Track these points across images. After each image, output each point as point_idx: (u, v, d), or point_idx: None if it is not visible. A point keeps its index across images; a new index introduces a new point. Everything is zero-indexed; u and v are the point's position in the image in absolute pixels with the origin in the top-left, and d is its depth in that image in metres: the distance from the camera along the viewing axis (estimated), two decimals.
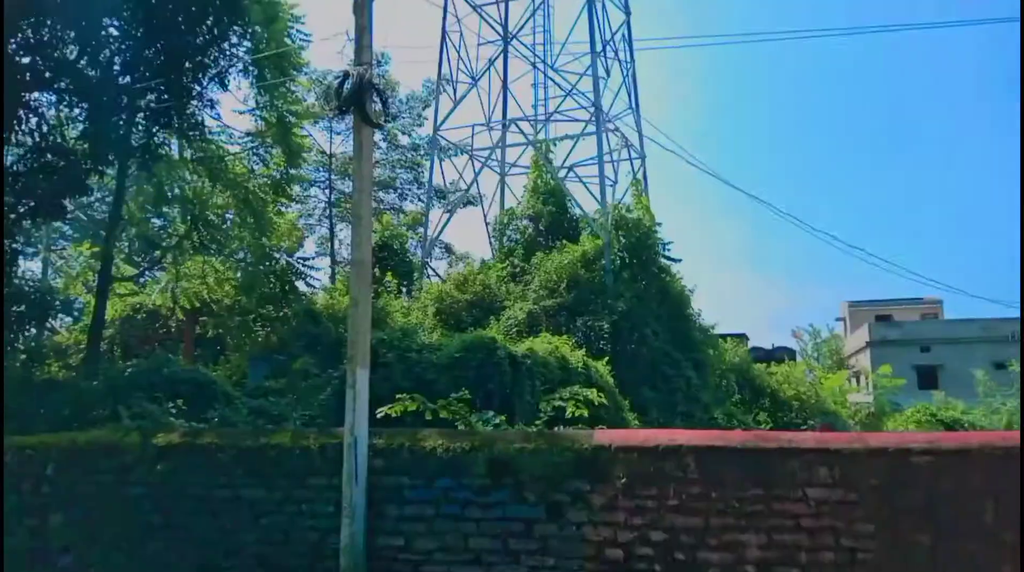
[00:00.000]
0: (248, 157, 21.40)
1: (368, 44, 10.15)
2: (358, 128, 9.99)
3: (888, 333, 46.14)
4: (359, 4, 10.09)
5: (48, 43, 15.49)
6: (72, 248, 23.38)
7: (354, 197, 10.39)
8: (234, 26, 17.52)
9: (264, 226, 21.01)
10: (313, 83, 29.48)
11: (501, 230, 29.22)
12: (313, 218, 39.97)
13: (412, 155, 41.75)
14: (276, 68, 19.01)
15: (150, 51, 16.43)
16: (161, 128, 17.54)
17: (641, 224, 24.82)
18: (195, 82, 17.42)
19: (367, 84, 9.75)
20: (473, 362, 14.48)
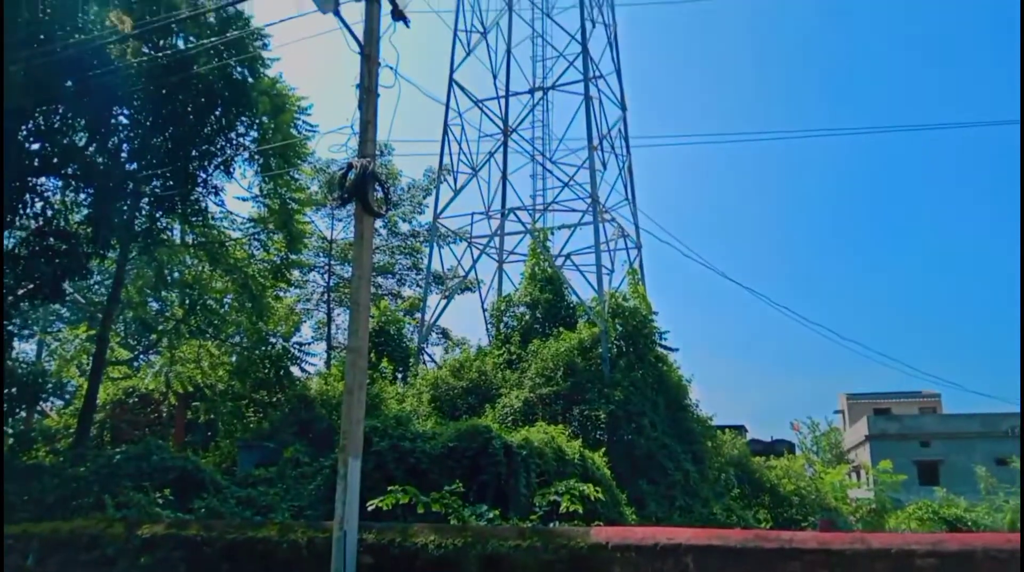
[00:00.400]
0: (249, 242, 21.61)
1: (372, 138, 10.42)
2: (359, 217, 10.15)
3: (887, 427, 45.65)
4: (364, 100, 10.40)
5: (59, 130, 15.90)
6: (68, 331, 23.34)
7: (353, 284, 10.45)
8: (242, 116, 17.99)
9: (261, 310, 21.03)
10: (317, 171, 30.06)
11: (498, 316, 29.26)
12: (311, 302, 40.04)
13: (412, 242, 42.20)
14: (281, 157, 19.39)
15: (158, 139, 16.83)
16: (165, 213, 17.77)
17: (638, 313, 24.88)
18: (201, 169, 17.78)
19: (370, 175, 9.97)
20: (468, 452, 14.25)
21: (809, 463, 34.34)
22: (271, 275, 21.63)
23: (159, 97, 16.26)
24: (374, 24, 10.37)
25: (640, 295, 25.95)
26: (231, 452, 20.11)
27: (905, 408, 52.38)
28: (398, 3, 10.67)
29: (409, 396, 23.48)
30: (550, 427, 17.83)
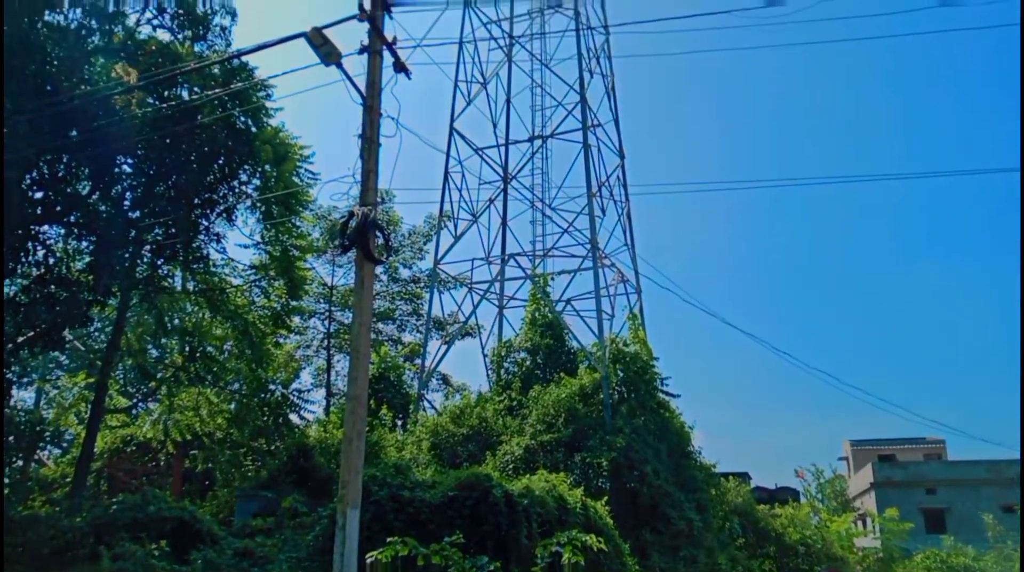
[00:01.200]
0: (250, 289, 21.65)
1: (373, 186, 10.52)
2: (360, 264, 10.19)
3: (892, 474, 45.11)
4: (365, 150, 10.53)
5: (63, 178, 16.05)
6: (67, 378, 23.24)
7: (353, 330, 10.44)
8: (245, 165, 18.16)
9: (261, 357, 20.98)
10: (318, 218, 30.25)
11: (499, 362, 29.16)
12: (311, 349, 39.95)
13: (412, 287, 42.28)
14: (283, 205, 19.53)
15: (161, 187, 16.98)
16: (166, 261, 17.84)
17: (639, 358, 24.80)
18: (203, 217, 17.90)
19: (371, 223, 10.05)
20: (468, 501, 14.07)
21: (814, 511, 33.89)
22: (271, 322, 21.61)
23: (163, 146, 16.45)
24: (376, 76, 10.54)
25: (641, 340, 25.90)
26: (229, 501, 19.88)
27: (910, 454, 51.85)
28: (399, 56, 10.86)
29: (409, 443, 23.28)
30: (552, 475, 17.64)
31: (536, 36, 31.34)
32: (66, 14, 15.75)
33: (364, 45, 10.55)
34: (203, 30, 16.84)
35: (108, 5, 16.08)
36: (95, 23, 16.03)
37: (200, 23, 16.75)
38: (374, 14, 10.60)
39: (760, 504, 27.88)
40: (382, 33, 10.60)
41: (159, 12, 16.69)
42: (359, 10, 10.39)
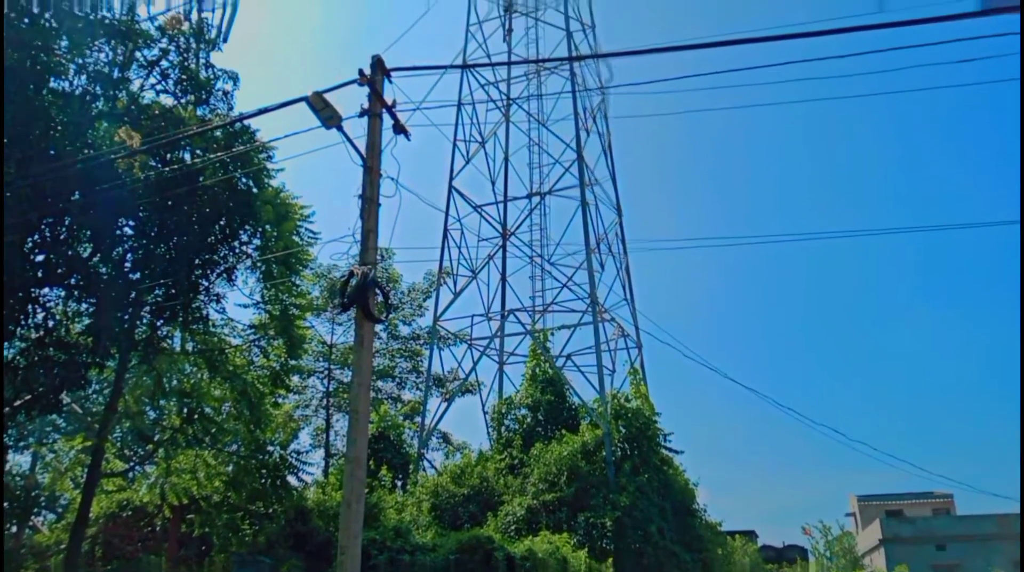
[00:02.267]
0: (249, 349, 21.56)
1: (373, 245, 10.56)
2: (360, 323, 10.16)
3: (901, 530, 44.27)
4: (365, 209, 10.61)
5: (64, 241, 16.13)
6: (64, 442, 22.98)
7: (352, 390, 10.36)
8: (246, 225, 18.27)
9: (260, 418, 20.78)
10: (318, 277, 30.34)
11: (499, 419, 28.92)
12: (310, 409, 39.64)
13: (412, 344, 42.17)
14: (283, 264, 19.60)
15: (162, 248, 17.06)
16: (166, 322, 17.81)
17: (641, 413, 24.60)
18: (203, 278, 17.94)
19: (371, 282, 10.06)
20: (469, 565, 13.82)
21: (824, 570, 33.20)
22: (270, 381, 21.46)
23: (165, 208, 16.57)
24: (376, 139, 10.68)
25: (642, 396, 25.74)
26: (226, 567, 19.45)
27: (918, 509, 51.01)
28: (399, 119, 11.02)
29: (409, 505, 22.92)
30: (555, 536, 17.35)
31: (533, 97, 31.92)
32: (71, 81, 16.06)
33: (364, 108, 10.72)
34: (206, 94, 17.14)
35: (113, 72, 16.40)
36: (99, 89, 16.33)
37: (203, 88, 17.06)
38: (374, 78, 10.79)
39: (768, 563, 27.37)
40: (382, 97, 10.77)
41: (163, 78, 17.01)
42: (359, 75, 10.58)
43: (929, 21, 8.30)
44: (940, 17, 8.25)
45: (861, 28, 8.71)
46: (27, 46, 14.19)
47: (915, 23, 8.38)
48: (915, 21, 8.36)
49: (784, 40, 8.96)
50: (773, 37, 8.96)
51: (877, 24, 8.67)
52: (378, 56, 10.96)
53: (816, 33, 8.73)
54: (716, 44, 8.76)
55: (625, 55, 10.44)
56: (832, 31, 8.69)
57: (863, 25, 8.72)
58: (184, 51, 16.87)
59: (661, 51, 9.22)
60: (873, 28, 8.68)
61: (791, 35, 8.87)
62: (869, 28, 8.70)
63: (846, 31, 8.68)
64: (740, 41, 9.07)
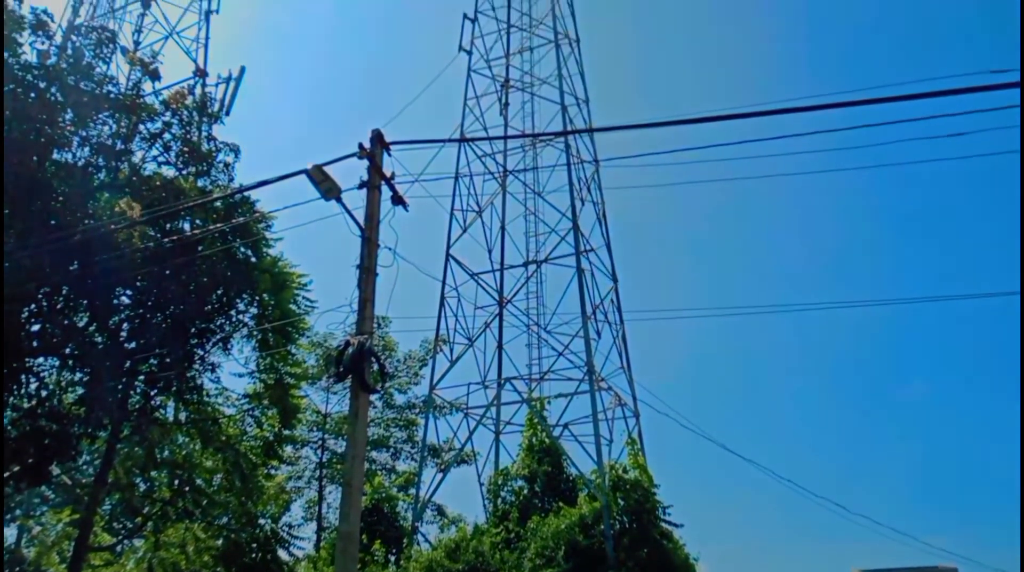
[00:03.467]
0: (243, 419, 21.36)
1: (370, 315, 10.59)
2: (355, 394, 10.11)
3: None
4: (362, 279, 10.67)
5: (61, 311, 16.13)
6: (51, 514, 22.50)
7: (346, 463, 10.23)
8: (243, 294, 18.32)
9: (252, 490, 20.44)
10: (314, 346, 30.24)
11: (495, 491, 28.40)
12: (302, 480, 38.96)
13: (407, 414, 41.76)
14: (280, 333, 19.57)
15: (158, 317, 17.05)
16: (159, 392, 17.68)
17: (639, 485, 24.17)
18: (199, 347, 17.88)
19: (367, 352, 10.04)
20: None
21: None
22: (263, 452, 21.19)
23: (163, 277, 16.64)
24: (374, 210, 10.83)
25: (641, 467, 25.35)
26: None
27: None
28: (397, 190, 11.19)
29: None
30: None
31: (529, 169, 32.44)
32: (75, 153, 16.33)
33: (363, 181, 10.90)
34: (207, 166, 17.42)
35: (116, 144, 16.69)
36: (102, 160, 16.61)
37: (205, 160, 17.34)
38: (373, 151, 11.01)
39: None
40: (381, 170, 10.97)
41: (165, 150, 17.31)
42: (359, 149, 10.80)
43: (923, 96, 8.41)
44: (937, 92, 8.36)
45: (852, 104, 8.86)
46: (33, 120, 14.47)
47: (913, 98, 8.47)
48: (912, 96, 8.44)
49: (781, 115, 9.13)
50: (768, 112, 9.13)
51: (871, 99, 8.74)
52: (378, 130, 11.21)
53: (808, 108, 8.92)
54: (709, 119, 8.97)
55: (618, 130, 10.69)
56: (825, 106, 8.87)
57: (855, 101, 8.85)
58: (187, 124, 17.22)
59: (653, 126, 9.43)
60: (867, 103, 8.77)
61: (785, 110, 9.04)
62: (862, 103, 8.82)
63: (837, 106, 8.85)
64: (735, 116, 9.27)
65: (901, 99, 8.50)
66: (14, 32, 14.96)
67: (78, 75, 15.75)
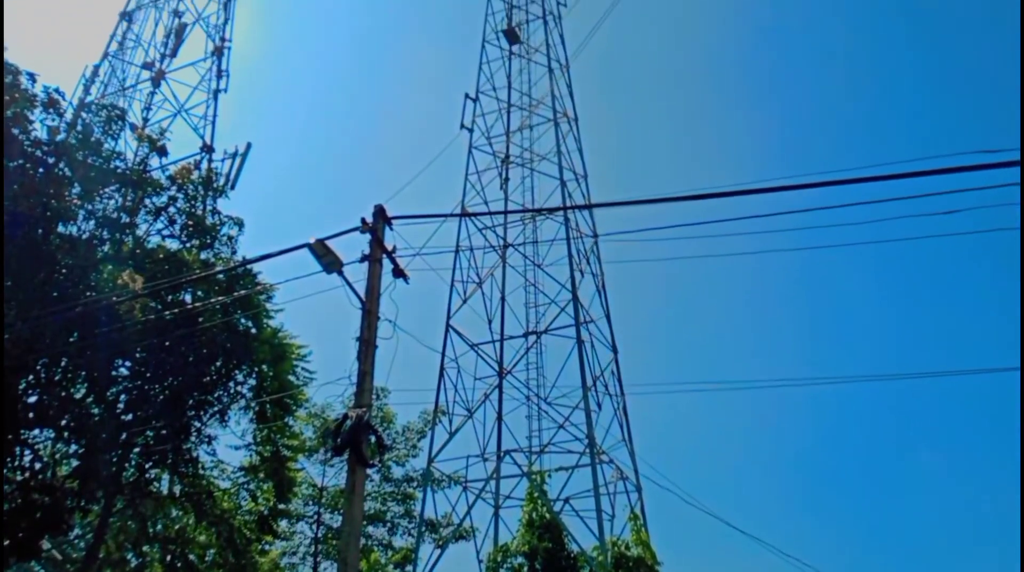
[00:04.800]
0: (238, 492, 21.04)
1: (369, 388, 10.58)
2: (352, 469, 10.02)
3: None
4: (362, 352, 10.70)
5: (59, 382, 16.09)
6: None
7: (342, 540, 10.06)
8: (242, 365, 18.29)
9: (245, 567, 19.98)
10: (312, 417, 29.98)
11: (495, 568, 27.70)
12: (296, 556, 38.03)
13: (405, 487, 41.07)
14: (278, 405, 19.47)
15: (155, 388, 16.99)
16: (155, 465, 17.48)
17: (643, 563, 23.63)
18: (196, 418, 17.77)
19: (365, 426, 9.99)
20: None
21: None
22: (258, 527, 20.80)
23: (163, 349, 16.66)
24: (375, 283, 10.93)
25: (644, 543, 24.83)
26: None
27: None
28: (398, 263, 11.33)
29: None
30: None
31: (529, 242, 32.80)
32: (79, 225, 16.57)
33: (365, 254, 11.04)
34: (211, 239, 17.64)
35: (121, 217, 16.95)
36: (106, 233, 16.83)
37: (208, 233, 17.58)
38: (375, 226, 11.18)
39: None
40: (383, 244, 11.12)
41: (169, 223, 17.56)
42: (362, 223, 10.98)
43: (925, 174, 8.51)
44: (938, 170, 8.47)
45: (848, 182, 8.97)
46: (40, 194, 14.74)
47: (912, 175, 8.57)
48: (912, 174, 8.53)
49: (780, 191, 9.26)
50: (771, 189, 9.24)
51: (869, 178, 8.79)
52: (380, 205, 11.41)
53: (805, 186, 9.07)
54: (704, 196, 9.14)
55: (616, 206, 10.88)
56: (823, 183, 9.00)
57: (851, 178, 8.95)
58: (192, 198, 17.52)
59: (650, 202, 9.61)
60: (866, 181, 8.84)
61: (784, 187, 9.18)
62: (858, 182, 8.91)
63: (835, 184, 8.97)
64: (735, 193, 9.41)
65: (906, 176, 8.58)
66: (25, 109, 15.37)
67: (87, 151, 16.11)
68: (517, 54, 33.94)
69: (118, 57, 30.17)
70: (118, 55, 30.22)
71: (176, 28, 30.83)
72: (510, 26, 33.47)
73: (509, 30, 33.32)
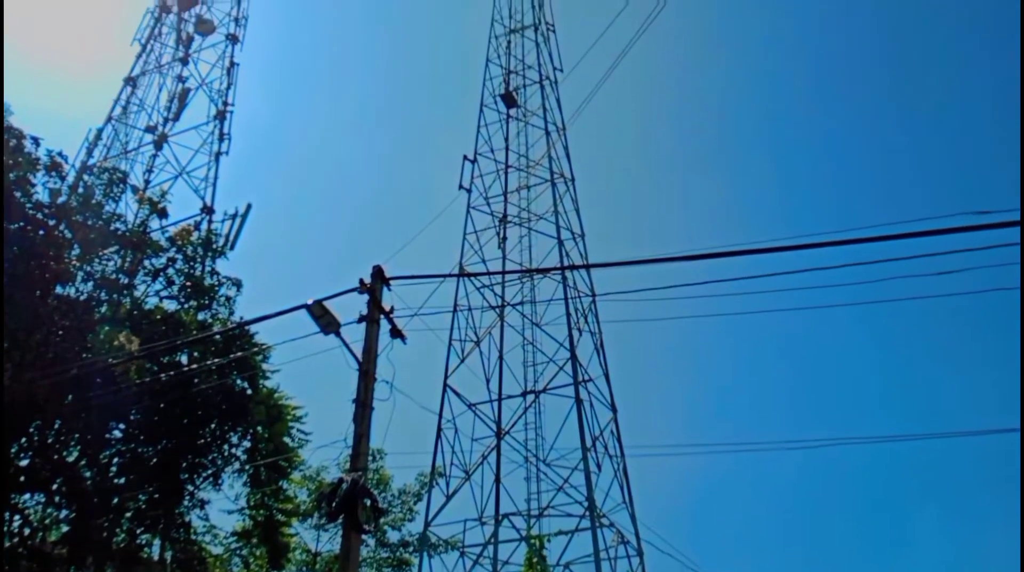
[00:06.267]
0: (230, 558, 20.58)
1: (364, 451, 10.46)
2: (347, 534, 9.83)
3: None
4: (358, 414, 10.60)
5: (51, 446, 15.88)
6: None
7: None
8: (237, 427, 18.08)
9: None
10: (306, 480, 29.54)
11: None
12: None
13: (401, 552, 40.22)
14: (272, 468, 19.20)
15: (148, 451, 16.77)
16: (146, 530, 17.14)
17: None
18: (189, 482, 17.49)
19: (360, 490, 9.82)
20: None
21: None
22: None
23: (157, 411, 16.51)
24: (373, 344, 10.90)
25: None
26: None
27: None
28: (396, 324, 11.31)
29: None
30: None
31: (527, 301, 32.85)
32: (77, 287, 16.58)
33: (363, 315, 11.04)
34: (209, 300, 17.64)
35: (119, 278, 16.98)
36: (104, 295, 16.84)
37: (206, 294, 17.59)
38: (374, 286, 11.20)
39: None
40: (381, 305, 11.13)
41: (168, 284, 17.59)
42: (360, 284, 11.00)
43: (923, 234, 8.56)
44: (935, 230, 8.51)
45: (845, 243, 9.00)
46: (40, 257, 14.80)
47: (913, 236, 8.61)
48: (913, 234, 8.58)
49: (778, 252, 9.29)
50: (769, 249, 9.29)
51: (876, 237, 8.79)
52: (379, 266, 11.45)
53: (799, 246, 9.13)
54: (701, 257, 9.21)
55: (614, 266, 10.93)
56: (820, 244, 9.05)
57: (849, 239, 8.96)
58: (191, 259, 17.59)
59: (649, 262, 9.66)
60: (873, 241, 8.83)
61: (783, 248, 9.25)
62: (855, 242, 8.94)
63: (832, 245, 9.01)
64: (732, 253, 9.46)
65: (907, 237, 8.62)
66: (28, 173, 15.55)
67: (87, 213, 16.24)
68: (515, 117, 34.55)
69: (121, 121, 30.65)
70: (122, 119, 30.72)
71: (180, 93, 31.40)
72: (508, 91, 34.14)
73: (507, 94, 33.97)
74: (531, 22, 36.16)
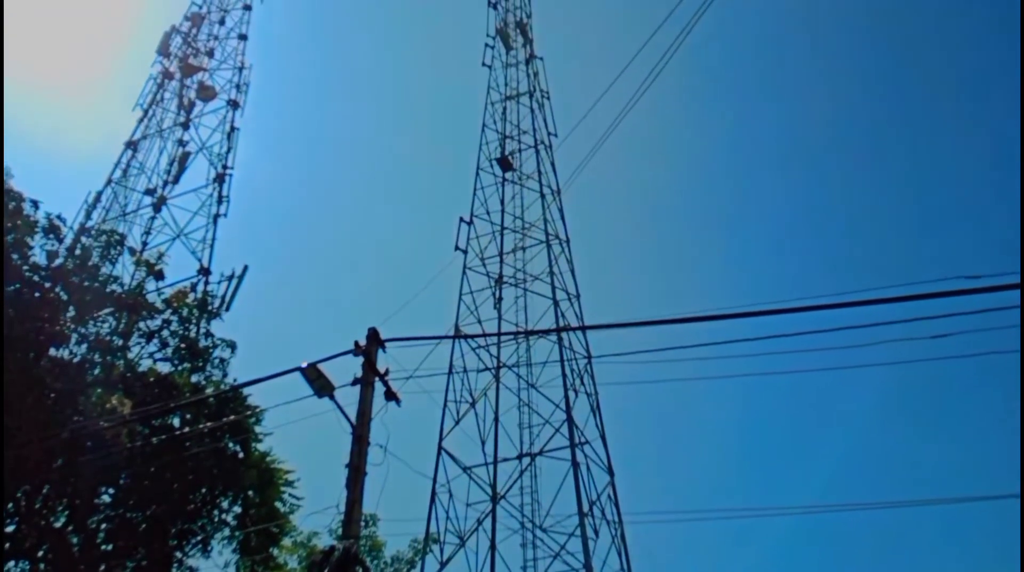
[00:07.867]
0: None
1: (357, 518, 10.29)
2: None
3: None
4: (351, 479, 10.46)
5: (38, 511, 15.58)
6: None
7: None
8: (228, 491, 17.77)
9: None
10: (298, 546, 28.90)
11: None
12: None
13: None
14: (262, 534, 18.80)
15: (138, 516, 16.44)
16: None
17: None
18: (178, 548, 17.10)
19: (352, 559, 9.63)
20: None
21: None
22: None
23: (147, 475, 16.26)
24: (367, 407, 10.84)
25: None
26: None
27: None
28: (391, 386, 11.26)
29: None
30: None
31: (523, 363, 32.71)
32: (71, 349, 16.50)
33: (357, 378, 11.00)
34: (203, 362, 17.55)
35: (114, 340, 16.92)
36: (98, 356, 16.74)
37: (201, 356, 17.50)
38: (369, 349, 11.19)
39: None
40: (375, 367, 11.09)
41: (162, 346, 17.52)
42: (355, 346, 10.99)
43: (923, 297, 8.58)
44: (932, 293, 8.54)
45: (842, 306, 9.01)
46: (35, 319, 14.77)
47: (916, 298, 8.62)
48: (917, 296, 8.58)
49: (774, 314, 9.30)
50: (765, 312, 9.31)
51: (878, 300, 8.81)
52: (374, 328, 11.45)
53: (805, 309, 9.14)
54: (697, 319, 9.24)
55: (610, 328, 10.95)
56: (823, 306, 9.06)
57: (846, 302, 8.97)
58: (186, 321, 17.55)
59: (644, 325, 9.68)
60: (873, 303, 8.84)
61: (776, 310, 9.27)
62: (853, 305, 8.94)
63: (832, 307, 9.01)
64: (728, 316, 9.46)
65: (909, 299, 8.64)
66: (26, 236, 15.63)
67: (84, 274, 16.27)
68: (510, 180, 34.98)
69: (121, 183, 30.94)
70: (121, 181, 31.02)
71: (180, 156, 31.79)
72: (504, 155, 34.68)
73: (503, 159, 34.50)
74: (526, 90, 36.95)
